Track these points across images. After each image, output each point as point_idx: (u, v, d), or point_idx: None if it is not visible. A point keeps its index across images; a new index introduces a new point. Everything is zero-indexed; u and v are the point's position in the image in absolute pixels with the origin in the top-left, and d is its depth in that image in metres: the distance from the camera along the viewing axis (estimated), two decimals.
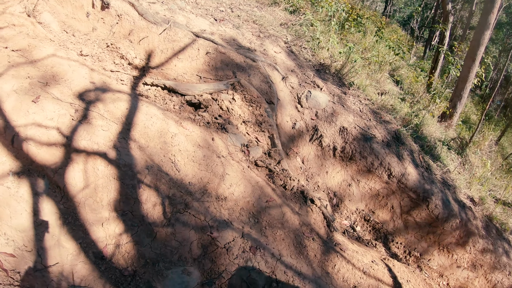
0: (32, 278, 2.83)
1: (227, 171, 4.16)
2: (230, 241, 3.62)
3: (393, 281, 4.65)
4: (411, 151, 6.86)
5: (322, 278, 4.00)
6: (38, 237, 3.03)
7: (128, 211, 3.41)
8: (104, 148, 3.56)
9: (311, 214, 4.65)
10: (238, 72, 5.57)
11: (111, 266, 3.24)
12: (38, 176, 3.32)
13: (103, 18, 5.54)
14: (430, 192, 6.38)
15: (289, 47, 7.25)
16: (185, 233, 3.48)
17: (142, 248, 3.35)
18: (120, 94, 4.24)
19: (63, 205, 3.28)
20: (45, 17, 5.06)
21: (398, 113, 7.75)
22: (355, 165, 6.24)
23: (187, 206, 3.60)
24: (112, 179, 3.45)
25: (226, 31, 6.39)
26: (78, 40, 5.16)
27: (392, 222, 6.50)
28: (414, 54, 18.69)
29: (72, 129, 3.57)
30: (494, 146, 12.81)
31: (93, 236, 3.26)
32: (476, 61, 9.88)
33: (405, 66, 12.64)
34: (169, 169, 3.79)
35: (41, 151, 3.36)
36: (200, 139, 4.29)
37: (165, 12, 6.01)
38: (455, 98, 10.59)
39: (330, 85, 6.98)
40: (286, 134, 5.91)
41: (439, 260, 6.64)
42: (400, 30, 19.71)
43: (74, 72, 4.22)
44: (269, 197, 4.27)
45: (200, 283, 3.40)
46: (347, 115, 6.39)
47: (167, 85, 4.97)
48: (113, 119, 3.88)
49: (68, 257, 3.08)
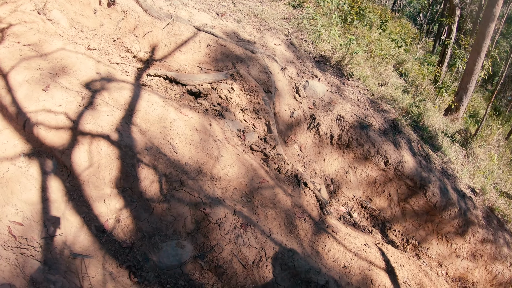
0: (38, 244, 3.15)
1: (222, 154, 4.43)
2: (222, 217, 3.86)
3: (386, 264, 4.75)
4: (409, 140, 7.01)
5: (311, 256, 4.17)
6: (45, 210, 3.33)
7: (128, 188, 3.70)
8: (107, 131, 3.85)
9: (304, 197, 4.88)
10: (238, 63, 5.84)
11: (111, 238, 3.52)
12: (47, 157, 3.62)
13: (109, 15, 5.84)
14: (428, 180, 6.48)
15: (289, 40, 7.49)
16: (179, 209, 3.75)
17: (140, 222, 3.63)
18: (124, 84, 4.54)
19: (69, 183, 3.58)
20: (55, 14, 5.37)
21: (398, 103, 7.91)
22: (352, 152, 6.43)
23: (182, 184, 3.88)
24: (114, 158, 3.74)
25: (227, 25, 6.66)
26: (86, 36, 5.47)
27: (389, 210, 6.62)
28: (423, 49, 18.71)
29: (78, 114, 3.86)
30: (503, 141, 12.80)
31: (95, 211, 3.55)
32: (482, 54, 9.93)
33: (411, 60, 12.73)
34: (167, 150, 4.08)
35: (50, 134, 3.66)
36: (198, 124, 4.58)
37: (168, 7, 6.30)
38: (460, 91, 10.66)
39: (329, 75, 7.20)
40: (284, 122, 6.14)
41: (438, 249, 6.71)
42: (409, 24, 19.67)
43: (82, 64, 4.53)
44: (262, 178, 4.53)
45: (193, 256, 3.65)
46: (344, 104, 6.59)
47: (169, 76, 5.27)
48: (117, 106, 4.18)
49: (72, 229, 3.37)
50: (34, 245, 3.11)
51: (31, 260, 3.02)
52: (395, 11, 20.17)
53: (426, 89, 10.48)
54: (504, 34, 24.48)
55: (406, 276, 4.82)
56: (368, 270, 4.49)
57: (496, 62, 20.83)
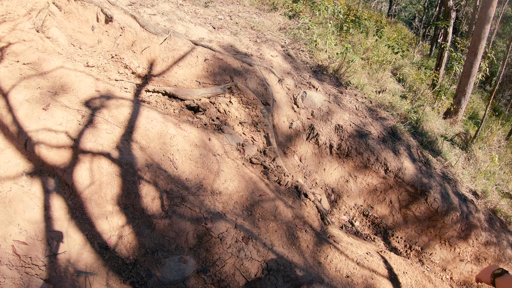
0: (42, 262, 3.18)
1: (222, 168, 4.47)
2: (224, 231, 3.89)
3: (389, 272, 4.73)
4: (408, 146, 7.03)
5: (314, 267, 4.18)
6: (48, 228, 3.37)
7: (129, 205, 3.74)
8: (108, 149, 3.90)
9: (304, 208, 4.91)
10: (235, 76, 5.88)
11: (114, 255, 3.55)
12: (49, 176, 3.67)
13: (107, 31, 5.90)
14: (428, 186, 6.50)
15: (286, 51, 7.54)
16: (181, 224, 3.78)
17: (142, 238, 3.66)
18: (123, 101, 4.59)
19: (71, 201, 3.62)
20: (53, 32, 5.43)
21: (396, 110, 7.95)
22: (351, 161, 6.46)
23: (183, 200, 3.92)
24: (115, 176, 3.78)
25: (224, 38, 6.72)
26: (84, 53, 5.52)
27: (391, 217, 6.62)
28: (421, 53, 18.79)
29: (79, 133, 3.92)
30: (503, 141, 12.82)
31: (98, 228, 3.58)
32: (478, 56, 9.98)
33: (409, 65, 12.79)
34: (168, 166, 4.12)
35: (51, 153, 3.70)
36: (197, 139, 4.62)
37: (165, 22, 6.36)
38: (459, 94, 10.70)
39: (326, 85, 7.24)
40: (284, 134, 6.18)
41: (441, 254, 6.69)
42: (405, 29, 19.78)
43: (81, 82, 4.58)
44: (262, 191, 4.57)
45: (196, 271, 3.67)
46: (342, 113, 6.63)
47: (167, 91, 5.32)
48: (116, 123, 4.23)
49: (75, 246, 3.41)
50: (38, 263, 3.15)
51: (35, 279, 3.05)
52: (391, 16, 20.27)
53: (424, 94, 10.52)
54: (500, 34, 24.59)
55: (409, 283, 4.80)
56: (371, 278, 4.48)
57: (493, 63, 20.93)
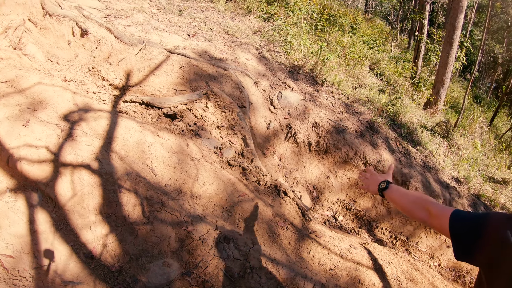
0: (29, 275, 3.29)
1: (200, 172, 4.60)
2: (205, 233, 4.01)
3: (373, 263, 4.86)
4: (387, 138, 7.20)
5: (296, 263, 4.30)
6: (34, 241, 3.47)
7: (111, 214, 3.85)
8: (87, 161, 4.00)
9: (285, 206, 5.05)
10: (211, 81, 6.01)
11: (100, 263, 3.65)
12: (32, 190, 3.76)
13: (83, 45, 6.00)
14: (409, 176, 6.66)
15: (261, 53, 7.68)
16: (163, 229, 3.90)
17: (126, 245, 3.77)
18: (101, 113, 4.70)
19: (55, 213, 3.72)
20: (30, 49, 5.51)
21: (374, 104, 8.11)
22: (331, 157, 6.60)
23: (163, 205, 4.04)
24: (96, 186, 3.89)
25: (198, 45, 6.83)
26: (62, 67, 5.61)
27: (374, 209, 6.77)
28: (399, 46, 19.02)
29: (59, 147, 4.01)
30: (485, 127, 13.05)
31: (82, 238, 3.68)
32: (454, 45, 10.22)
33: (386, 59, 13.00)
34: (147, 174, 4.25)
35: (33, 168, 3.79)
36: (175, 145, 4.75)
37: (140, 33, 6.47)
38: (437, 84, 10.92)
39: (302, 84, 7.39)
40: (262, 135, 6.32)
41: (428, 242, 6.85)
42: (382, 24, 20.01)
43: (59, 97, 4.68)
44: (241, 192, 4.70)
45: (180, 274, 3.77)
46: (319, 110, 6.78)
47: (144, 101, 5.44)
48: (95, 135, 4.34)
49: (62, 258, 3.50)
50: (26, 275, 3.25)
51: None
52: (367, 13, 20.47)
53: (402, 86, 10.71)
54: (476, 23, 24.99)
55: (395, 272, 4.92)
56: (355, 270, 4.61)
57: (471, 52, 21.25)
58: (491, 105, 20.30)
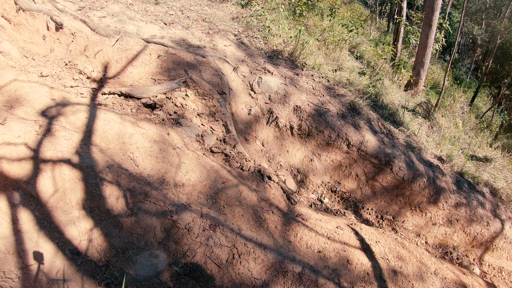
0: (15, 275, 3.26)
1: (182, 160, 4.59)
2: (190, 221, 4.01)
3: (361, 243, 4.93)
4: (369, 120, 7.23)
5: (284, 247, 4.34)
6: (19, 241, 3.43)
7: (95, 207, 3.82)
8: (68, 155, 3.96)
9: (269, 190, 5.06)
10: (190, 69, 5.97)
11: (86, 259, 3.62)
12: (13, 190, 3.70)
13: (58, 39, 5.91)
14: (392, 156, 6.71)
15: (240, 39, 7.64)
16: (148, 220, 3.89)
17: (111, 239, 3.75)
18: (79, 106, 4.66)
19: (38, 211, 3.68)
20: (4, 46, 5.41)
21: (355, 86, 8.13)
22: (313, 140, 6.62)
23: (147, 195, 4.02)
24: (77, 181, 3.86)
25: (175, 33, 6.77)
26: (38, 63, 5.52)
27: (359, 190, 6.83)
28: (378, 30, 19.06)
29: (38, 143, 3.96)
30: (466, 107, 13.20)
31: (67, 235, 3.65)
32: (433, 27, 10.26)
33: (366, 42, 13.03)
34: (129, 165, 4.22)
35: (13, 166, 3.74)
36: (156, 135, 4.72)
37: (116, 23, 6.37)
38: (417, 65, 10.99)
39: (282, 68, 7.39)
40: (243, 121, 6.30)
41: (413, 220, 6.96)
42: (361, 8, 20.06)
43: (36, 93, 4.63)
44: (225, 178, 4.70)
45: (168, 264, 3.77)
46: (300, 94, 6.78)
47: (123, 92, 5.39)
48: (74, 129, 4.30)
49: (47, 256, 3.46)
50: (11, 276, 3.21)
51: None
52: None
53: (382, 68, 10.75)
54: (455, 5, 25.13)
55: (383, 251, 4.98)
56: (343, 251, 4.66)
57: (450, 33, 21.40)
58: (471, 85, 20.53)
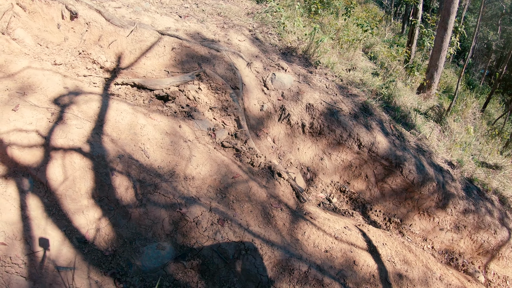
0: (22, 261, 3.25)
1: (193, 153, 4.56)
2: (199, 215, 3.98)
3: (368, 244, 4.88)
4: (381, 121, 7.17)
5: (291, 244, 4.30)
6: (26, 228, 3.43)
7: (104, 197, 3.81)
8: (79, 144, 3.95)
9: (279, 187, 5.03)
10: (203, 63, 5.94)
11: (93, 248, 3.62)
12: (23, 176, 3.71)
13: (73, 28, 5.90)
14: (403, 158, 6.63)
15: (254, 35, 7.61)
16: (156, 212, 3.87)
17: (119, 229, 3.74)
18: (92, 95, 4.64)
19: (47, 198, 3.67)
20: (19, 33, 5.42)
21: (368, 86, 8.07)
22: (324, 139, 6.57)
23: (156, 187, 4.00)
24: (87, 169, 3.84)
25: (190, 26, 6.75)
26: (51, 51, 5.53)
27: (368, 191, 6.77)
28: (393, 31, 18.92)
29: (49, 130, 3.96)
30: (478, 113, 13.06)
31: (75, 223, 3.65)
32: (448, 30, 10.16)
33: (380, 43, 12.93)
34: (139, 156, 4.20)
35: (24, 153, 3.74)
36: (168, 127, 4.70)
37: (131, 15, 6.37)
38: (431, 68, 10.90)
39: (296, 66, 7.34)
40: (255, 116, 6.27)
41: (421, 225, 6.88)
42: (376, 8, 19.91)
43: (49, 80, 4.62)
44: (235, 173, 4.67)
45: (174, 256, 3.76)
46: (312, 92, 6.73)
47: (136, 83, 5.37)
48: (86, 118, 4.28)
49: (54, 243, 3.46)
50: (18, 262, 3.20)
51: (16, 277, 3.11)
52: None
53: (396, 70, 10.67)
54: (471, 9, 24.92)
55: (389, 253, 4.93)
56: (350, 252, 4.62)
57: (465, 37, 21.21)
58: (484, 91, 20.31)
